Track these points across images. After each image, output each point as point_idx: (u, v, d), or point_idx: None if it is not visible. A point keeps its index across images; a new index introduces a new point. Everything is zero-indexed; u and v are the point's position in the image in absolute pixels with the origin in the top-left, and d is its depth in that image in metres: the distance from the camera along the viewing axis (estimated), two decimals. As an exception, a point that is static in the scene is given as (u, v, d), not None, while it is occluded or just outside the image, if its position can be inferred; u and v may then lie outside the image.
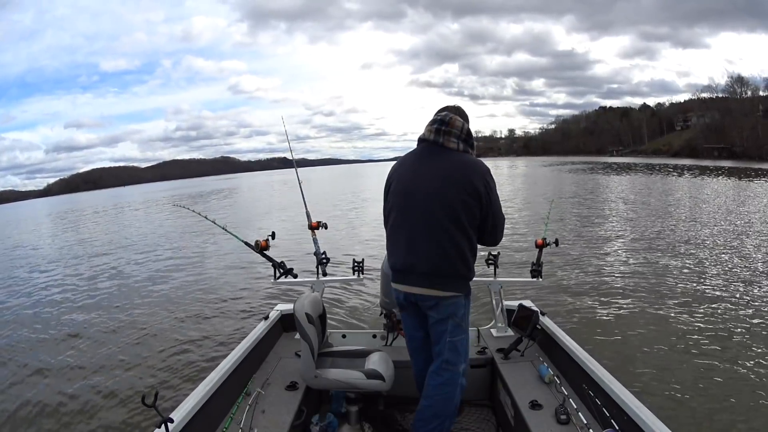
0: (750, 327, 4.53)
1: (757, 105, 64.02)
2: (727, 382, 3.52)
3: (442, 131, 1.90)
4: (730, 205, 14.20)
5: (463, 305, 1.93)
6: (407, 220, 1.92)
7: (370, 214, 14.66)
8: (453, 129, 1.90)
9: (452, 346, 1.93)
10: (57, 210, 42.74)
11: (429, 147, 1.93)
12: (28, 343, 5.49)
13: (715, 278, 6.27)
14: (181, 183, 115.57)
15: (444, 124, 1.90)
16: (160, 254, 10.97)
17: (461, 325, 1.94)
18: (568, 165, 51.98)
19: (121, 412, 3.60)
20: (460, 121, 1.91)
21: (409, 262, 1.91)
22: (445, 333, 1.92)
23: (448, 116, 1.91)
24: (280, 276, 2.82)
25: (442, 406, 1.93)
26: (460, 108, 2.01)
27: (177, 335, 5.22)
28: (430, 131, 1.92)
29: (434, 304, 1.91)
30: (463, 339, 1.96)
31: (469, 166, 1.87)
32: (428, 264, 1.87)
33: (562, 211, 13.44)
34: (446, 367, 1.93)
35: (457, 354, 1.94)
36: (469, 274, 1.92)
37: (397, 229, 1.97)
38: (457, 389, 1.95)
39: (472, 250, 1.91)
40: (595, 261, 7.54)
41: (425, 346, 2.09)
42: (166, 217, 20.98)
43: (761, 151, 51.31)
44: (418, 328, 2.07)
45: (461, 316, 1.93)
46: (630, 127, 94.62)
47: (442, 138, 1.90)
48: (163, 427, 1.52)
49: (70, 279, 9.11)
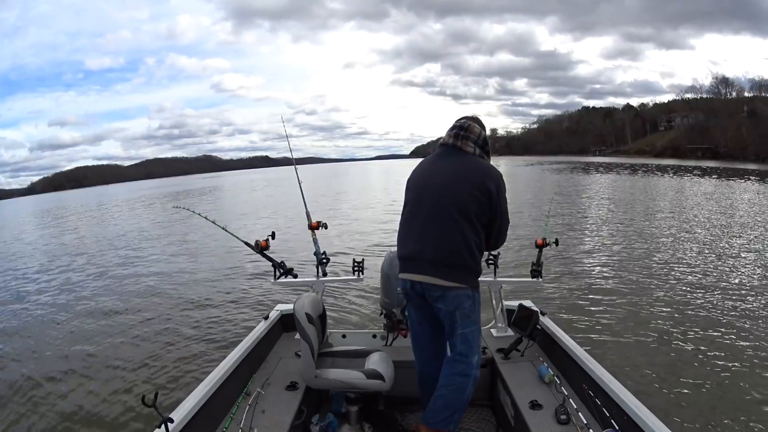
0: (751, 327, 4.53)
1: (741, 106, 64.69)
2: (727, 382, 3.52)
3: (460, 136, 2.02)
4: (730, 204, 14.23)
5: (470, 297, 1.96)
6: (420, 211, 2.01)
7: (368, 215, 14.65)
8: (471, 134, 2.02)
9: (463, 337, 1.95)
10: (42, 208, 42.59)
11: (448, 149, 2.05)
12: (28, 343, 5.49)
13: (715, 278, 6.27)
14: (165, 182, 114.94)
15: (463, 129, 2.03)
16: (160, 254, 10.96)
17: (470, 317, 1.96)
18: (552, 165, 52.01)
19: (121, 412, 3.60)
20: (477, 128, 2.04)
21: (417, 250, 1.97)
22: (456, 324, 1.95)
23: (467, 123, 2.05)
24: (280, 276, 2.82)
25: (454, 396, 1.96)
26: (478, 118, 2.12)
27: (177, 335, 5.22)
28: (450, 136, 2.05)
29: (440, 295, 1.94)
30: (473, 330, 1.98)
31: (482, 168, 1.98)
32: (436, 252, 1.92)
33: (557, 210, 13.46)
34: (459, 358, 1.96)
35: (470, 346, 1.97)
36: (475, 267, 1.97)
37: (409, 219, 2.06)
38: (470, 380, 1.97)
39: (479, 246, 1.96)
40: (595, 261, 7.55)
41: (429, 342, 2.11)
42: (164, 217, 20.98)
43: (745, 152, 51.79)
44: (422, 321, 2.09)
45: (469, 307, 1.95)
46: (613, 127, 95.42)
47: (460, 142, 2.02)
48: (163, 427, 1.52)
49: (67, 278, 9.10)
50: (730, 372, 3.66)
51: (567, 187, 22.96)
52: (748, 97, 67.72)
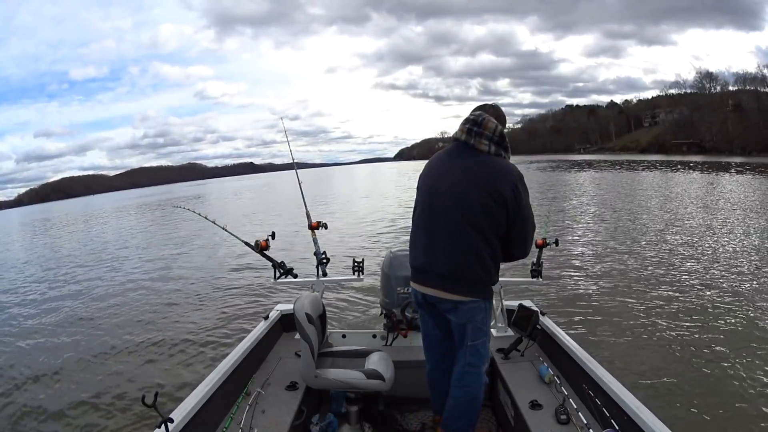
0: (753, 328, 4.53)
1: (726, 100, 64.65)
2: (728, 382, 3.51)
3: (474, 132, 1.85)
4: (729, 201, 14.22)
5: (483, 309, 1.90)
6: (429, 219, 1.90)
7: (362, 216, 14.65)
8: (485, 131, 1.83)
9: (474, 350, 1.92)
10: (30, 219, 42.63)
11: (459, 147, 1.90)
12: (28, 344, 5.49)
13: (714, 277, 6.26)
14: (152, 190, 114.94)
15: (477, 125, 1.85)
16: (159, 254, 10.97)
17: (481, 329, 1.92)
18: (539, 163, 51.97)
19: (121, 412, 3.60)
20: (493, 123, 1.85)
21: (427, 262, 1.89)
22: (466, 337, 1.91)
23: (481, 117, 1.86)
24: (280, 276, 2.82)
25: (468, 405, 1.98)
26: (497, 108, 1.95)
27: (177, 335, 5.22)
28: (462, 131, 1.88)
29: (452, 308, 1.89)
30: (484, 341, 1.95)
31: (497, 171, 1.81)
32: (445, 266, 1.84)
33: (556, 210, 13.48)
34: (470, 370, 1.95)
35: (479, 356, 1.95)
36: (489, 279, 1.87)
37: (419, 226, 1.96)
38: (481, 389, 1.99)
39: (493, 257, 1.85)
40: (594, 260, 7.54)
41: (440, 345, 2.10)
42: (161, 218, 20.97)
43: (731, 146, 52.11)
44: (435, 327, 2.07)
45: (480, 320, 1.90)
46: (597, 124, 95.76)
47: (473, 139, 1.84)
48: (163, 427, 1.52)
49: (67, 280, 9.11)
50: (730, 372, 3.66)
51: (558, 186, 23.02)
52: (732, 91, 67.65)
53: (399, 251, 2.79)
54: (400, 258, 2.70)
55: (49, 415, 3.70)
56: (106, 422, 3.51)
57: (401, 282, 2.65)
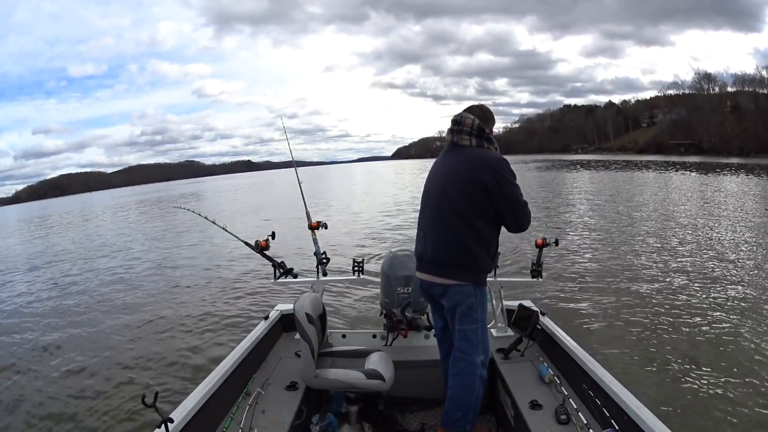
0: (753, 328, 4.53)
1: (724, 101, 64.95)
2: (728, 382, 3.51)
3: (455, 131, 2.03)
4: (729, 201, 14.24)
5: (472, 294, 1.96)
6: (423, 214, 2.12)
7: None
8: (464, 127, 2.01)
9: (462, 334, 1.97)
10: (30, 216, 42.54)
11: (450, 146, 2.08)
12: (28, 344, 5.49)
13: (714, 276, 6.27)
14: (149, 188, 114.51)
15: (457, 123, 2.03)
16: (159, 254, 10.97)
17: (470, 315, 1.96)
18: (537, 163, 51.95)
19: (121, 412, 3.59)
20: (470, 119, 2.00)
21: (423, 250, 2.08)
22: (455, 321, 2.00)
23: (460, 116, 2.03)
24: (280, 276, 2.82)
25: (462, 397, 1.97)
26: (482, 106, 2.10)
27: (177, 335, 5.22)
28: (449, 132, 2.07)
29: (443, 292, 2.01)
30: (474, 329, 1.98)
31: (476, 160, 1.96)
32: (433, 253, 2.01)
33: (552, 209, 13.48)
34: (460, 356, 1.98)
35: (469, 343, 1.97)
36: (475, 264, 1.96)
37: (419, 222, 2.16)
38: (475, 380, 1.97)
39: (481, 241, 1.95)
40: (594, 260, 7.54)
41: (445, 336, 2.18)
42: (161, 218, 20.97)
43: (729, 146, 52.18)
44: (437, 318, 2.20)
45: (469, 305, 1.96)
46: (595, 124, 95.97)
47: (456, 137, 2.03)
48: (163, 427, 1.52)
49: (66, 280, 9.10)
50: (731, 371, 3.66)
51: (557, 186, 23.01)
52: (730, 92, 67.99)
53: (399, 251, 2.80)
54: (400, 258, 2.71)
55: (49, 415, 3.70)
56: (106, 422, 3.51)
57: (401, 282, 2.66)
